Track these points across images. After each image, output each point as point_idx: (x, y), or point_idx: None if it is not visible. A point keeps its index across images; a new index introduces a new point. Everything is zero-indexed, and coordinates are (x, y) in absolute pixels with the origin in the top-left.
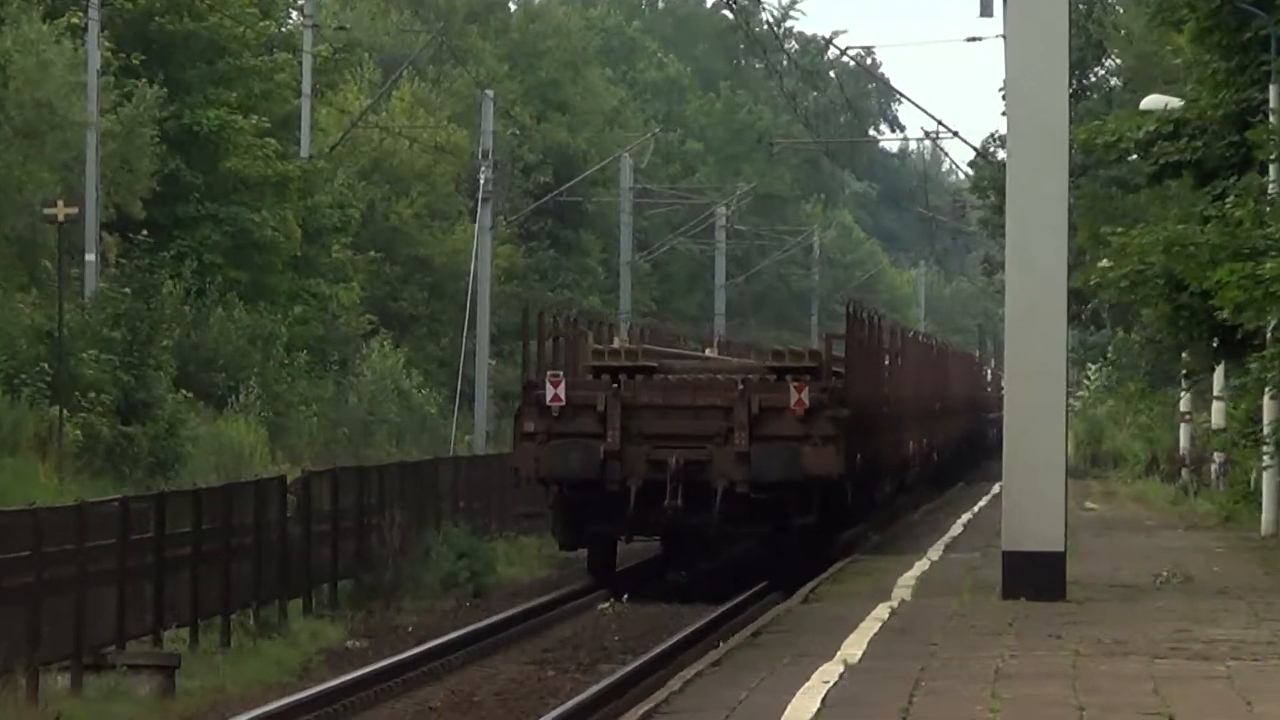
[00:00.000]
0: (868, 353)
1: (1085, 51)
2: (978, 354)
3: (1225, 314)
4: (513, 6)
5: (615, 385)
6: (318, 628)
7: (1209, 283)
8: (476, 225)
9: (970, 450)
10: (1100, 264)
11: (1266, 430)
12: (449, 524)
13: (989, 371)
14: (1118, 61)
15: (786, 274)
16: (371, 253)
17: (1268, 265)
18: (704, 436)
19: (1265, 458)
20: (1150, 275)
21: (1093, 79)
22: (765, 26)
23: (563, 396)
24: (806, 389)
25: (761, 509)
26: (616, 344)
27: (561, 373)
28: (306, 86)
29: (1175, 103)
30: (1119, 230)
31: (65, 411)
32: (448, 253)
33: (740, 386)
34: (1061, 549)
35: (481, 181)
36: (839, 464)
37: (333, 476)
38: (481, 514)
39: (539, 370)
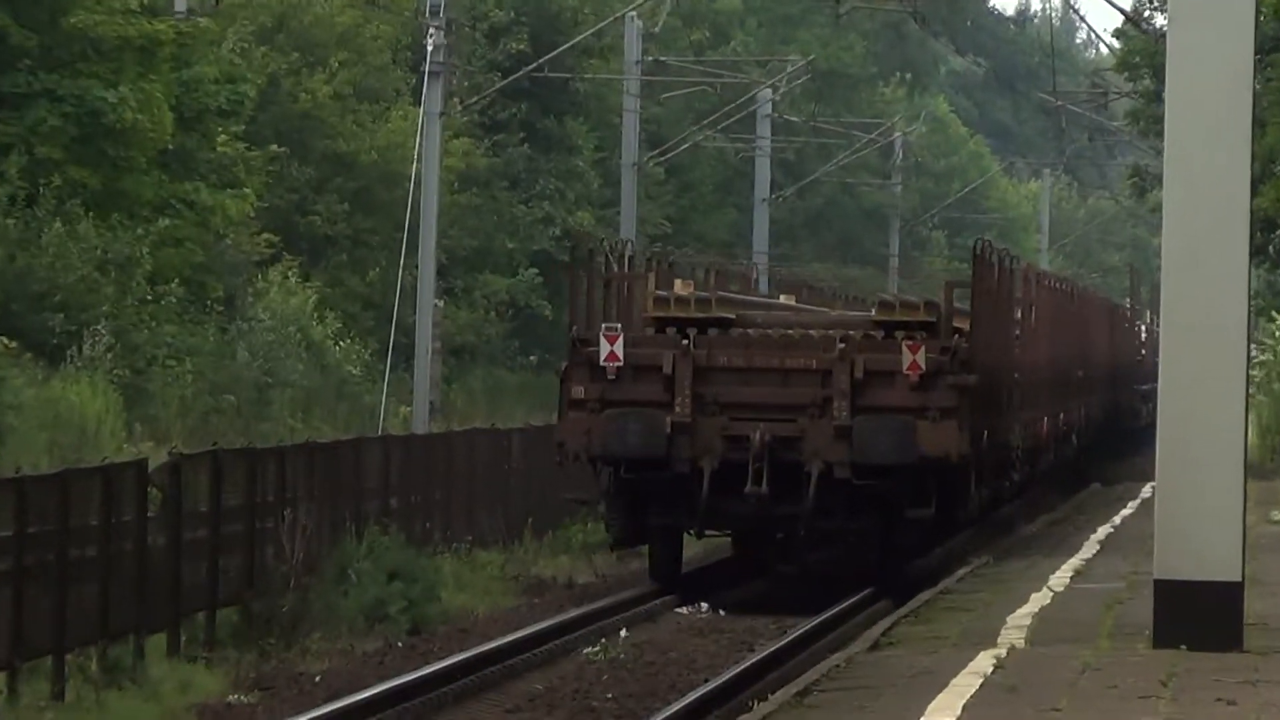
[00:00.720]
0: (997, 305)
1: None
2: (1129, 304)
3: None
4: None
5: (685, 342)
6: (188, 675)
7: None
8: (421, 111)
9: (1114, 434)
10: None
11: None
12: (376, 532)
13: (1143, 328)
14: None
15: (855, 184)
16: (272, 147)
17: None
18: (795, 407)
19: None
20: None
21: None
22: None
23: (620, 355)
24: (922, 349)
25: (865, 498)
26: (680, 289)
27: (619, 326)
28: None
29: None
30: None
31: None
32: (380, 148)
33: (841, 346)
34: (1238, 578)
35: (429, 49)
36: (962, 443)
37: (213, 462)
38: (422, 518)
39: (590, 322)
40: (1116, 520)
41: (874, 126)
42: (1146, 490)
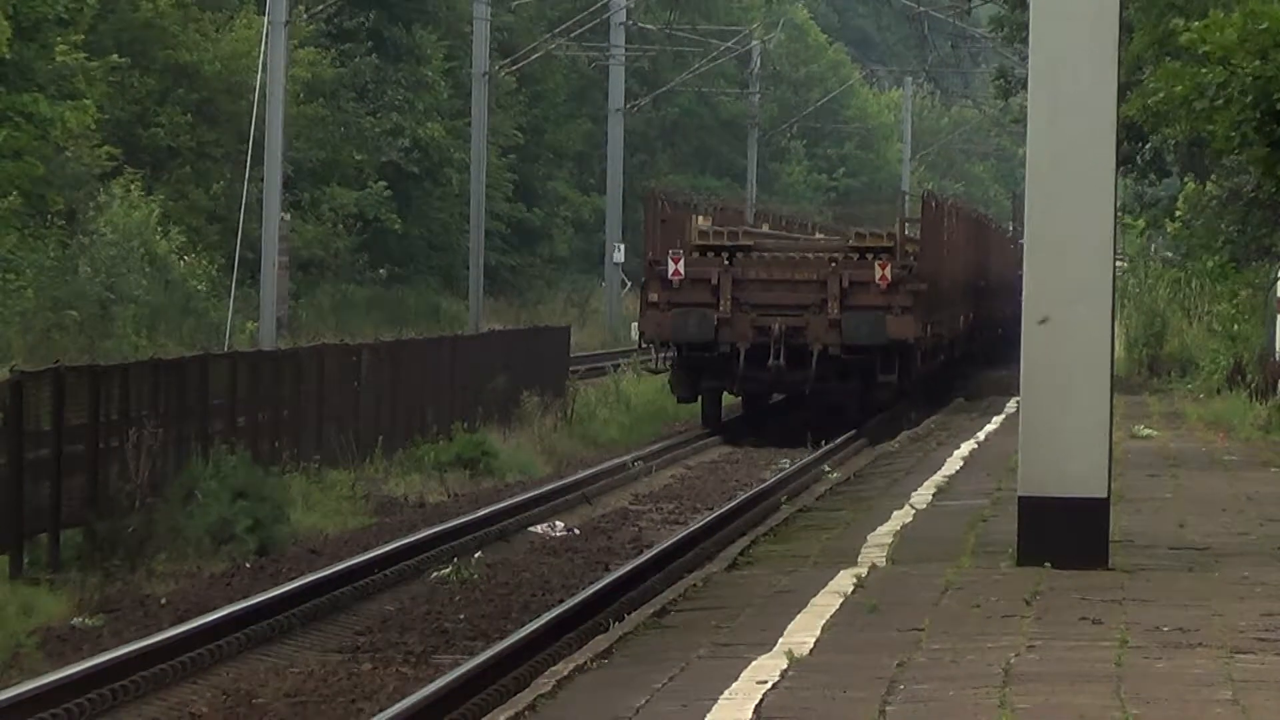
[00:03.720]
0: (935, 234)
1: None
2: (1011, 226)
3: None
4: None
5: (728, 262)
6: (31, 597)
7: None
8: (266, 19)
9: (1008, 334)
10: (1161, 77)
11: None
12: (223, 451)
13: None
14: None
15: (712, 94)
16: (113, 57)
17: None
18: (802, 306)
19: None
20: (1237, 93)
21: None
22: None
23: (683, 272)
24: (889, 266)
25: (851, 368)
26: (702, 223)
27: (681, 250)
28: None
29: None
30: (1191, 25)
31: None
32: (223, 58)
33: (831, 264)
34: (1104, 494)
35: None
36: (916, 330)
37: (55, 380)
38: (270, 436)
39: (659, 248)
40: (980, 436)
41: (731, 34)
42: (1012, 405)
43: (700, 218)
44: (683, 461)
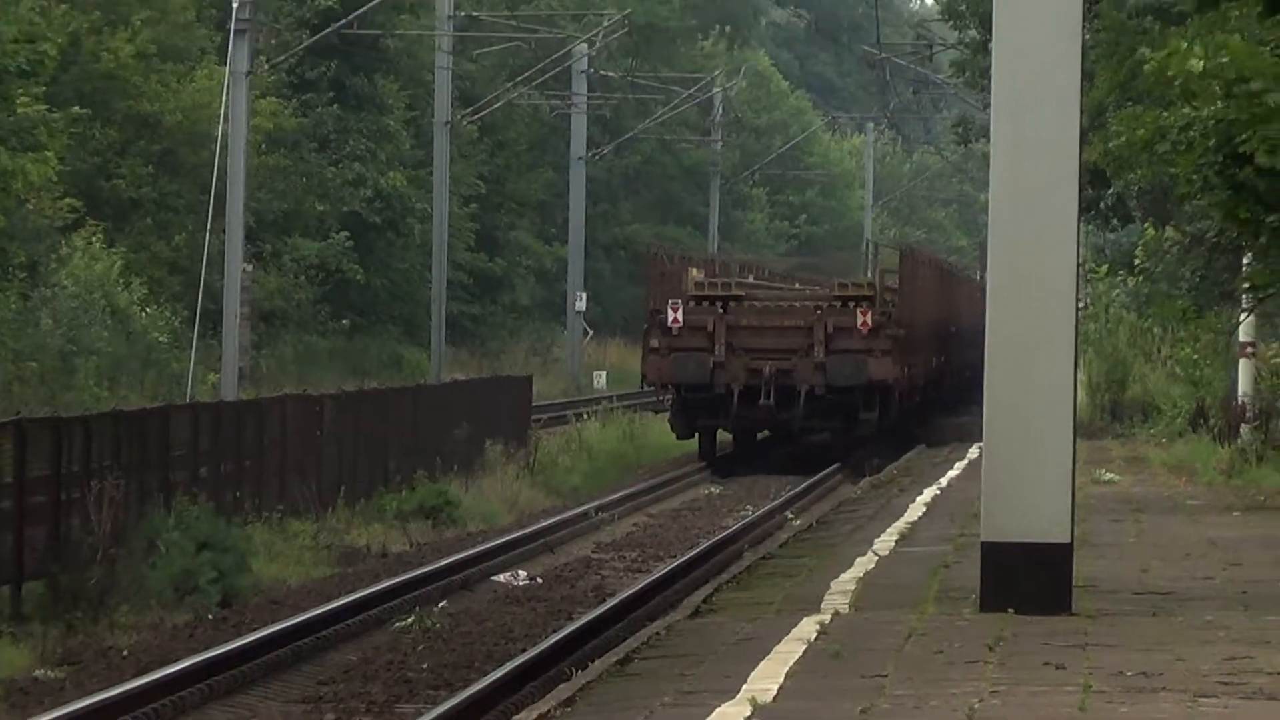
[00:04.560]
0: (912, 283)
1: None
2: (978, 274)
3: None
4: None
5: (722, 310)
6: None
7: None
8: (227, 70)
9: (974, 378)
10: (1123, 121)
11: None
12: (184, 502)
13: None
14: None
15: (674, 142)
16: (75, 109)
17: None
18: (790, 350)
19: None
20: (1199, 136)
21: None
22: None
23: (681, 319)
24: (870, 313)
25: (835, 407)
26: (695, 274)
27: (680, 300)
28: None
29: None
30: (1152, 58)
31: None
32: (185, 109)
33: (818, 311)
34: (1067, 540)
35: (234, 6)
36: (895, 371)
37: (16, 431)
38: (232, 487)
39: (659, 299)
40: (944, 482)
41: (693, 82)
42: (974, 451)
43: (694, 270)
44: (645, 509)
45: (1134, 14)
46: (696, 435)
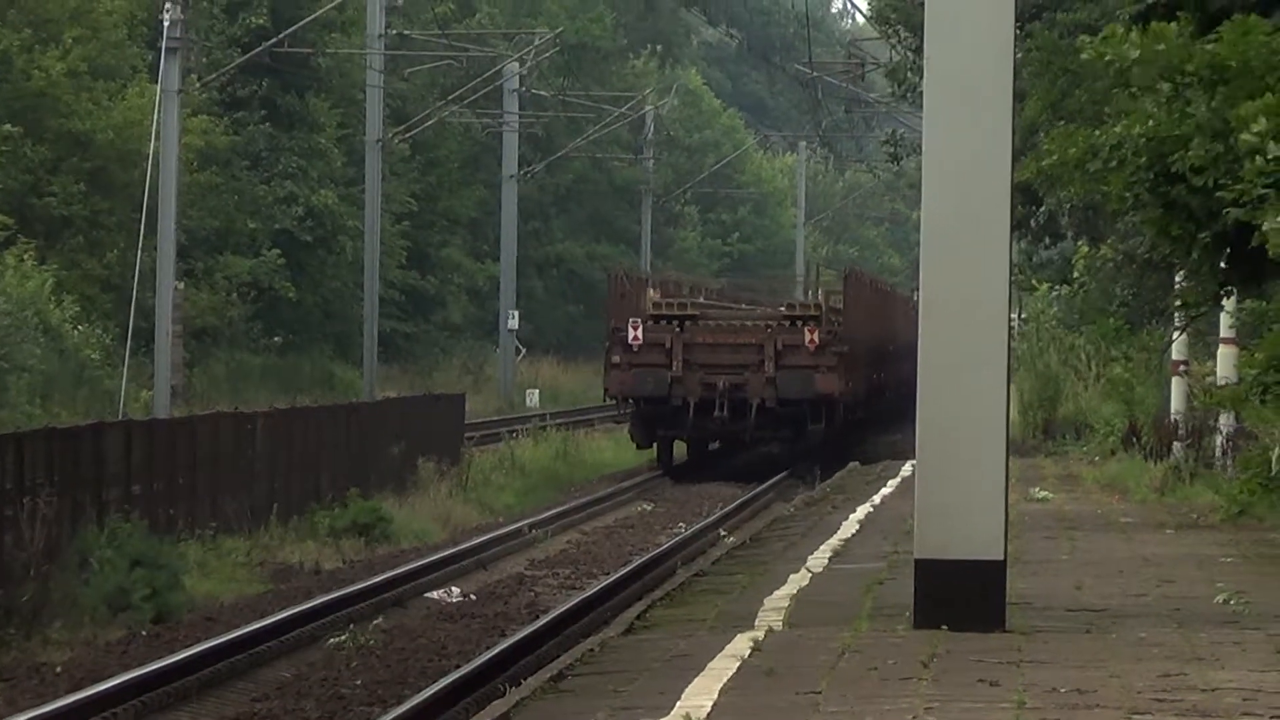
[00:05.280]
0: (855, 302)
1: None
2: (913, 294)
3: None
4: None
5: (679, 329)
6: None
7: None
8: (159, 88)
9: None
10: (1055, 139)
11: None
12: (117, 519)
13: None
14: None
15: (606, 160)
16: (5, 126)
17: None
18: (742, 365)
19: None
20: (1130, 154)
21: None
22: None
23: (641, 337)
24: (817, 331)
25: (785, 419)
26: (654, 295)
27: (640, 319)
28: None
29: None
30: (1089, 44)
31: None
32: (116, 127)
33: (768, 329)
34: (1000, 557)
35: (165, 24)
36: (840, 385)
37: None
38: (165, 504)
39: (620, 317)
40: (877, 499)
41: (625, 100)
42: (907, 468)
43: (653, 290)
44: (578, 526)
45: (1065, 33)
46: (655, 445)
